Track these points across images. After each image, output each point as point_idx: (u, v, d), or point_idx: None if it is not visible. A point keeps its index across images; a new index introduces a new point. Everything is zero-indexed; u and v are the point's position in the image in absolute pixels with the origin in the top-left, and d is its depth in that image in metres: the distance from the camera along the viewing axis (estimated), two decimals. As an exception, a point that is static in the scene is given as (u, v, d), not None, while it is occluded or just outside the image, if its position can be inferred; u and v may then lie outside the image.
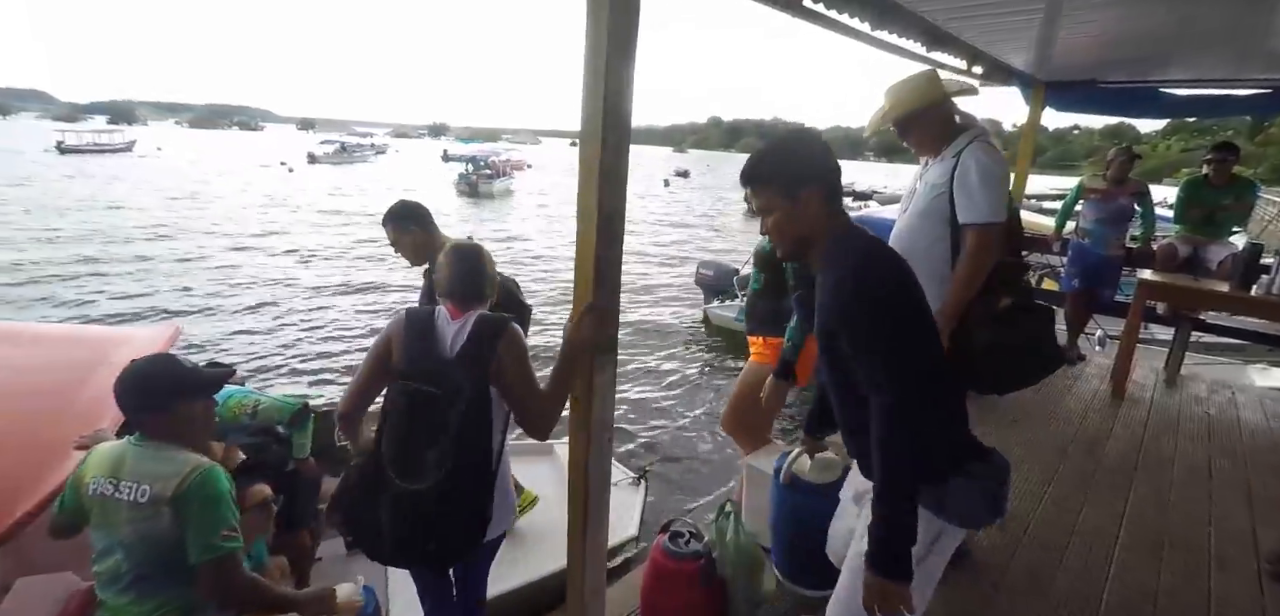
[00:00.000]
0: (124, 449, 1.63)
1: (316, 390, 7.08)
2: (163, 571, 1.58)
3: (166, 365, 1.70)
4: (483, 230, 20.16)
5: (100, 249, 14.34)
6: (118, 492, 1.56)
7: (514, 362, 1.66)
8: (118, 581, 1.59)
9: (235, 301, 10.86)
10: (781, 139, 1.38)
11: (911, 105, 2.30)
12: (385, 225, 2.82)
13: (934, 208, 2.26)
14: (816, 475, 2.18)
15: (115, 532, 1.58)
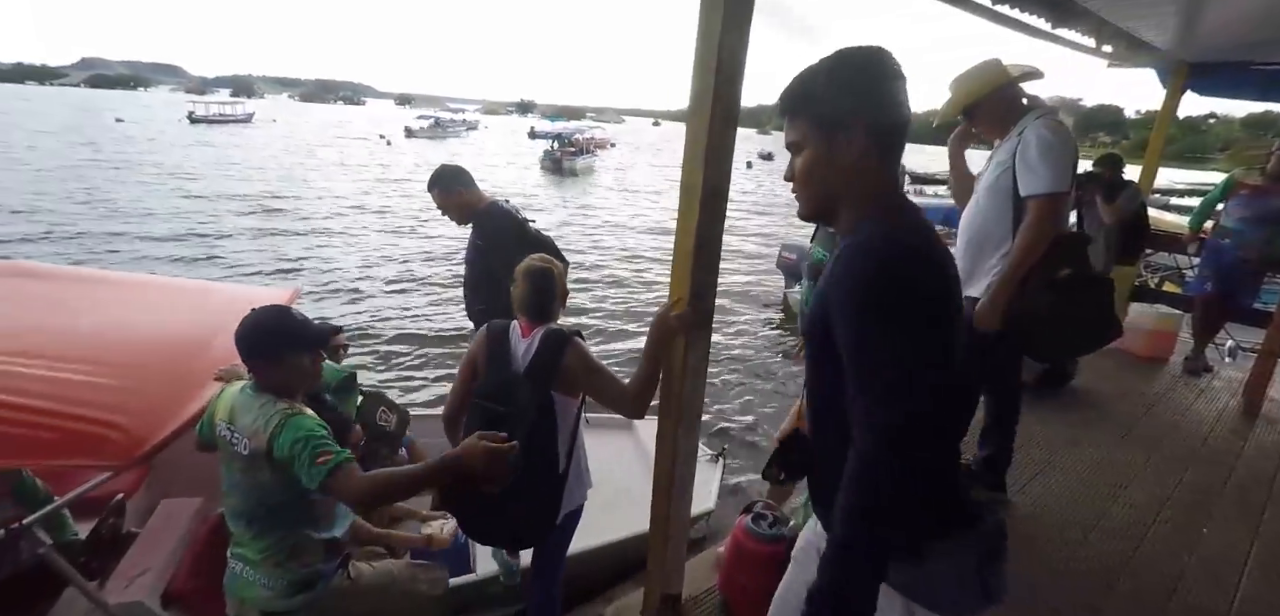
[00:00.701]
0: (239, 396, 1.74)
1: (380, 361, 7.47)
2: (267, 514, 1.72)
3: (280, 316, 1.80)
4: (564, 205, 20.60)
5: (226, 211, 15.74)
6: (231, 438, 1.70)
7: (583, 371, 1.88)
8: (236, 517, 1.76)
9: (334, 266, 11.66)
10: (835, 55, 1.00)
11: (977, 92, 2.43)
12: (431, 190, 3.15)
13: (999, 184, 2.34)
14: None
15: (232, 474, 1.74)
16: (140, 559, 2.30)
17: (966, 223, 2.55)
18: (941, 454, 1.04)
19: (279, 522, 1.73)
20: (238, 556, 1.78)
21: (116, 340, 2.29)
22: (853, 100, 0.97)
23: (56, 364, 2.00)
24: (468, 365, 2.03)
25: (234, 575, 1.78)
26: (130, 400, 1.94)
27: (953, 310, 0.98)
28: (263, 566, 1.73)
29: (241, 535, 1.76)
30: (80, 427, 1.82)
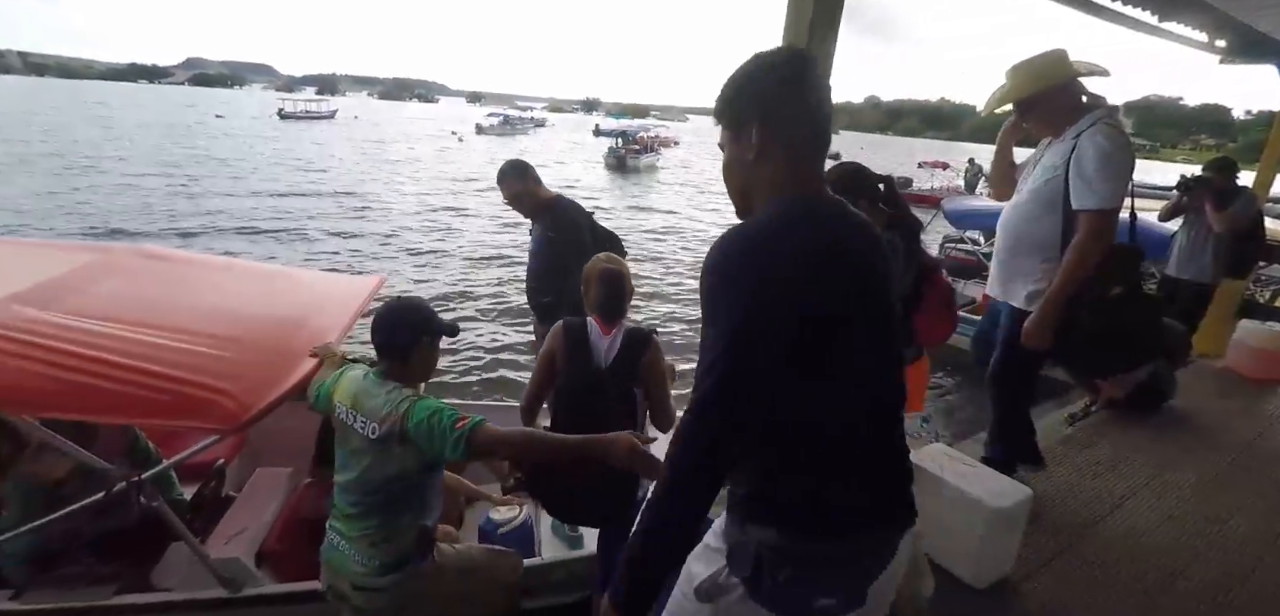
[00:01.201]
0: (362, 382, 1.83)
1: (445, 349, 7.73)
2: (379, 496, 1.80)
3: (419, 307, 1.91)
4: (626, 202, 20.74)
5: (312, 202, 16.70)
6: (354, 423, 1.78)
7: (656, 374, 2.08)
8: (346, 493, 1.85)
9: (409, 255, 12.17)
10: (744, 63, 1.05)
11: (1038, 85, 2.27)
12: (501, 183, 3.31)
13: (1047, 190, 2.22)
14: None
15: (350, 455, 1.82)
16: (237, 520, 2.48)
17: (1008, 224, 2.44)
18: (809, 451, 1.03)
19: (388, 506, 1.81)
20: (336, 530, 1.87)
21: (224, 316, 2.47)
22: (749, 104, 1.03)
23: (174, 335, 2.18)
24: (546, 360, 2.12)
25: (331, 546, 1.88)
26: (237, 370, 2.08)
27: (809, 300, 0.96)
28: (359, 544, 1.81)
29: (346, 511, 1.84)
30: (193, 393, 1.97)
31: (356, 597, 1.84)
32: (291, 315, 2.61)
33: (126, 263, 2.69)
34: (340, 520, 1.87)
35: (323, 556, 1.92)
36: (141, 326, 2.17)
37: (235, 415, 1.94)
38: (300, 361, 2.19)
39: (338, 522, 1.88)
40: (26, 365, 1.87)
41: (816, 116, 1.02)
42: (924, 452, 2.56)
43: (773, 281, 0.94)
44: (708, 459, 0.97)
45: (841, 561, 1.06)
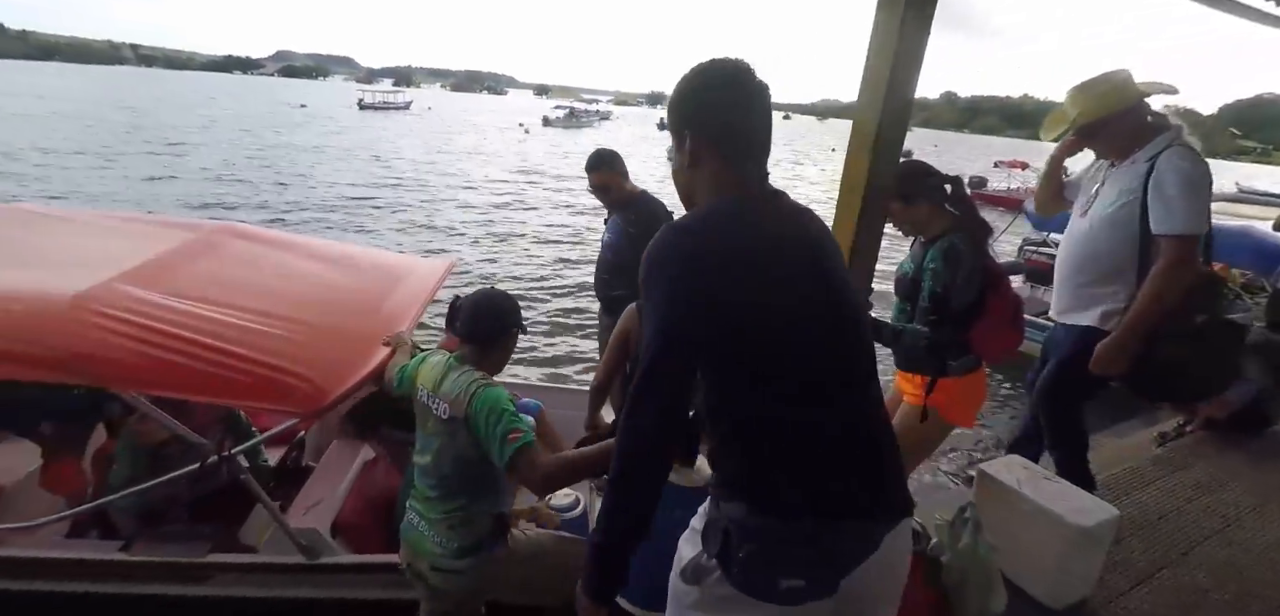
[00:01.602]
0: (444, 366, 1.88)
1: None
2: (459, 481, 1.85)
3: (508, 299, 1.97)
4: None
5: (388, 187, 17.44)
6: (432, 405, 1.84)
7: None
8: (426, 475, 1.90)
9: (474, 243, 12.52)
10: (687, 72, 1.14)
11: (1104, 110, 2.19)
12: (592, 171, 3.28)
13: (1123, 215, 2.16)
14: (680, 478, 1.89)
15: (427, 437, 1.88)
16: (315, 491, 2.62)
17: (1074, 249, 2.37)
18: (769, 434, 1.08)
19: (464, 491, 1.85)
20: (415, 509, 1.93)
21: (304, 300, 2.60)
22: (682, 115, 1.14)
23: (258, 317, 2.30)
24: (620, 340, 2.16)
25: (410, 525, 1.94)
26: (315, 356, 2.19)
27: (736, 287, 1.02)
28: (437, 526, 1.86)
29: (426, 492, 1.90)
30: (275, 377, 2.08)
31: (434, 578, 1.90)
32: (366, 299, 2.73)
33: (217, 242, 2.86)
34: (419, 501, 1.93)
35: (402, 534, 1.99)
36: (229, 308, 2.31)
37: (313, 401, 2.05)
38: (375, 349, 2.29)
39: (417, 503, 1.94)
40: (131, 344, 2.02)
41: (746, 123, 1.11)
42: (1000, 464, 2.45)
43: (698, 270, 1.02)
44: (651, 437, 1.04)
45: (801, 542, 1.07)
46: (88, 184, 15.64)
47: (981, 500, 2.41)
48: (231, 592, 2.34)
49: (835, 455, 1.10)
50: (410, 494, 1.98)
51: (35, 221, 2.99)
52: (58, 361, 1.97)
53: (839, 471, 1.10)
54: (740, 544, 1.08)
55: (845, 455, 1.11)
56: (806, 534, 1.08)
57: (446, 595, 1.93)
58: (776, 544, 1.08)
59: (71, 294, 2.09)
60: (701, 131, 1.12)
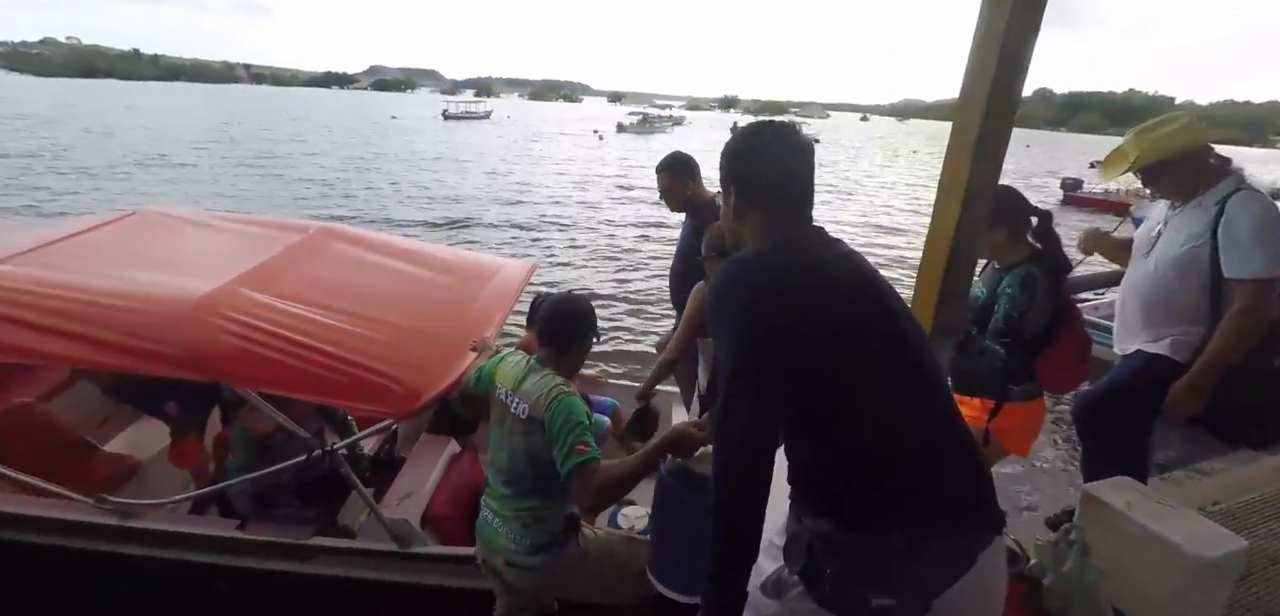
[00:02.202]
0: (525, 367, 1.95)
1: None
2: (532, 479, 1.91)
3: (586, 305, 2.04)
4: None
5: (470, 193, 18.19)
6: (511, 404, 1.91)
7: None
8: (500, 473, 1.98)
9: (549, 246, 12.83)
10: (739, 132, 1.29)
11: (1164, 153, 2.20)
12: (658, 173, 3.30)
13: (1191, 258, 2.15)
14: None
15: (505, 435, 1.95)
16: (406, 483, 2.76)
17: (1139, 289, 2.36)
18: (851, 450, 1.10)
19: (539, 491, 1.90)
20: (490, 507, 2.01)
21: (398, 302, 2.75)
22: (728, 171, 1.27)
23: (355, 320, 2.45)
24: (693, 320, 2.32)
25: (485, 522, 2.02)
26: (407, 359, 2.32)
27: (799, 315, 1.09)
28: (511, 523, 1.93)
29: (499, 490, 1.97)
30: (371, 379, 2.22)
31: (509, 573, 1.96)
32: (455, 301, 2.86)
33: (320, 244, 3.06)
34: (494, 498, 2.00)
35: (477, 530, 2.06)
36: (331, 309, 2.47)
37: (406, 403, 2.18)
38: (463, 354, 2.40)
39: (492, 501, 2.01)
40: (246, 345, 2.20)
41: (781, 175, 1.22)
42: (1110, 485, 2.27)
43: (764, 299, 1.10)
44: (740, 461, 1.07)
45: (892, 559, 1.05)
46: (205, 187, 17.21)
47: (1086, 522, 2.24)
48: (331, 572, 2.50)
49: (921, 469, 1.09)
50: (488, 494, 2.05)
51: (162, 223, 3.30)
52: (184, 360, 2.17)
53: (926, 485, 1.09)
54: (828, 560, 1.08)
55: (931, 468, 1.09)
56: (896, 550, 1.05)
57: (521, 591, 1.99)
58: (867, 561, 1.07)
59: (196, 297, 2.30)
60: (743, 188, 1.25)
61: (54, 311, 2.21)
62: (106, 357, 2.17)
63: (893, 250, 13.91)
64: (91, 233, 2.98)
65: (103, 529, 2.49)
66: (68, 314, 2.20)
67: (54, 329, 2.17)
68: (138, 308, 2.25)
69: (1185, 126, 2.22)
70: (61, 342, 2.16)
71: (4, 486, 2.61)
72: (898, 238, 15.64)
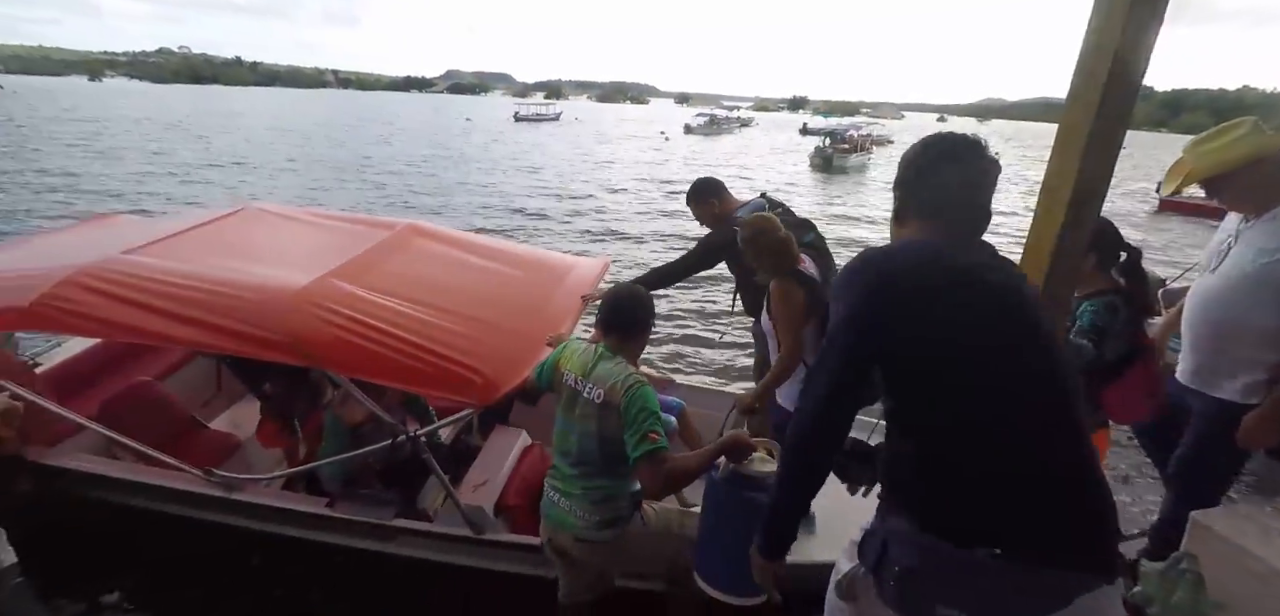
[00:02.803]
0: (592, 354, 2.03)
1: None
2: (600, 459, 1.98)
3: (645, 294, 2.14)
4: (828, 205, 19.78)
5: (542, 192, 18.63)
6: (583, 390, 1.98)
7: None
8: (568, 456, 2.05)
9: (616, 241, 12.95)
10: (921, 141, 1.29)
11: (1233, 160, 2.05)
12: (688, 203, 3.34)
13: (1264, 274, 2.02)
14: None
15: (574, 419, 2.02)
16: (481, 472, 2.85)
17: (1207, 309, 2.20)
18: (947, 455, 1.09)
19: (608, 472, 1.99)
20: (556, 488, 2.08)
21: (478, 297, 2.86)
22: (898, 177, 1.30)
23: (438, 313, 2.58)
24: (796, 317, 2.41)
25: (551, 503, 2.09)
26: (487, 352, 2.43)
27: (914, 305, 1.11)
28: (579, 502, 2.00)
29: (566, 472, 2.04)
30: (453, 370, 2.33)
31: (577, 549, 2.03)
32: (531, 298, 2.95)
33: (405, 240, 3.22)
34: (560, 480, 2.07)
35: (543, 512, 2.14)
36: (417, 302, 2.61)
37: (484, 394, 2.29)
38: (540, 348, 2.49)
39: (557, 482, 2.08)
40: (339, 333, 2.36)
41: (947, 189, 1.22)
42: (1220, 513, 2.09)
43: (888, 284, 1.14)
44: (820, 410, 1.14)
45: (970, 573, 1.02)
46: (298, 182, 18.37)
47: (1198, 552, 2.07)
48: (411, 553, 2.63)
49: (1031, 490, 1.03)
50: (548, 474, 2.12)
51: (263, 219, 3.56)
52: (285, 345, 2.34)
53: (1033, 507, 1.03)
54: (897, 558, 1.08)
55: (1044, 492, 1.04)
56: (977, 566, 1.02)
57: (587, 566, 2.07)
58: (940, 567, 1.05)
59: (296, 288, 2.47)
60: (908, 195, 1.27)
61: (176, 298, 2.43)
62: (219, 341, 2.37)
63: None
64: (206, 226, 3.25)
65: (209, 500, 2.70)
66: (187, 301, 2.42)
67: (175, 313, 2.39)
68: (246, 296, 2.44)
69: (1243, 136, 2.06)
70: (182, 326, 2.38)
71: (127, 455, 2.88)
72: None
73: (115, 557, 2.97)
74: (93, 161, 20.19)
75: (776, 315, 2.52)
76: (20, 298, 2.46)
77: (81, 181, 16.67)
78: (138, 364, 3.50)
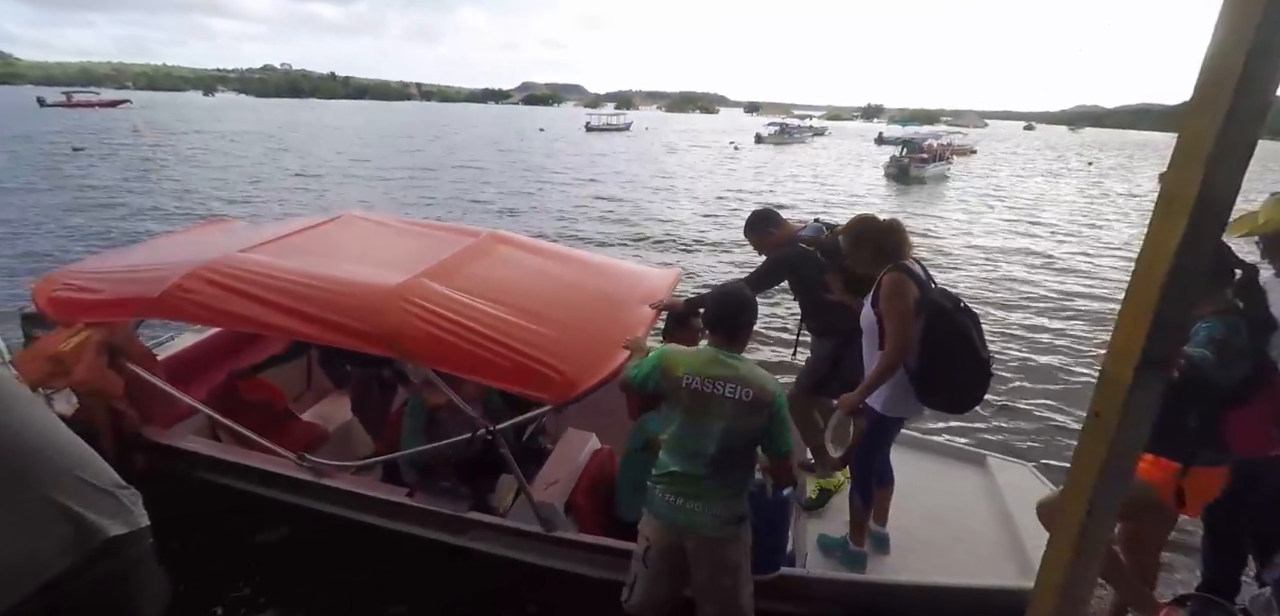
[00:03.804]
0: (710, 357, 2.07)
1: None
2: (739, 457, 2.06)
3: (754, 300, 2.23)
4: (903, 216, 18.89)
5: (611, 201, 18.90)
6: (716, 390, 2.01)
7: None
8: (698, 457, 2.04)
9: (684, 251, 12.94)
10: None
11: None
12: (747, 235, 3.33)
13: None
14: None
15: (707, 420, 2.02)
16: (553, 470, 2.92)
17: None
18: None
19: (741, 466, 2.10)
20: (678, 492, 2.07)
21: (556, 300, 2.95)
22: None
23: (520, 314, 2.67)
24: (905, 312, 2.42)
25: (670, 507, 2.08)
26: (566, 353, 2.50)
27: None
28: (715, 500, 2.05)
29: (696, 474, 2.05)
30: (534, 367, 2.41)
31: (710, 551, 2.07)
32: (607, 304, 3.01)
33: (488, 246, 3.37)
34: (685, 484, 2.06)
35: (659, 516, 2.11)
36: (499, 304, 2.71)
37: (563, 392, 2.36)
38: (616, 352, 2.54)
39: (680, 486, 2.07)
40: (429, 328, 2.49)
41: None
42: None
43: None
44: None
45: None
46: (389, 190, 19.40)
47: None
48: (483, 546, 2.72)
49: None
50: (660, 479, 2.11)
51: (358, 223, 3.81)
52: (380, 338, 2.51)
53: None
54: None
55: None
56: None
57: (724, 562, 2.09)
58: None
59: (390, 286, 2.63)
60: None
61: (285, 292, 2.64)
62: (322, 333, 2.57)
63: (1066, 285, 11.35)
64: (310, 231, 3.50)
65: (301, 484, 2.89)
66: (295, 295, 2.63)
67: (284, 306, 2.60)
68: (346, 292, 2.63)
69: None
70: (289, 318, 2.59)
71: (229, 438, 3.12)
72: (1059, 273, 13.47)
73: (215, 532, 3.23)
74: (201, 171, 22.07)
75: (886, 308, 2.44)
76: (152, 289, 2.74)
77: (195, 187, 18.28)
78: (239, 356, 3.79)
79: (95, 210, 14.13)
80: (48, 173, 19.12)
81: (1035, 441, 5.20)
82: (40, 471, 1.31)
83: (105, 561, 1.36)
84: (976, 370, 2.42)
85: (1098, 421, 1.46)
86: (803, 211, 18.18)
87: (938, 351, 2.41)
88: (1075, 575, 1.58)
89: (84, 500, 1.34)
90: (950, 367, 2.41)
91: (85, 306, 2.86)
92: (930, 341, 2.42)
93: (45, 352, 2.85)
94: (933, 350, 2.42)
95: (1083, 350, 7.52)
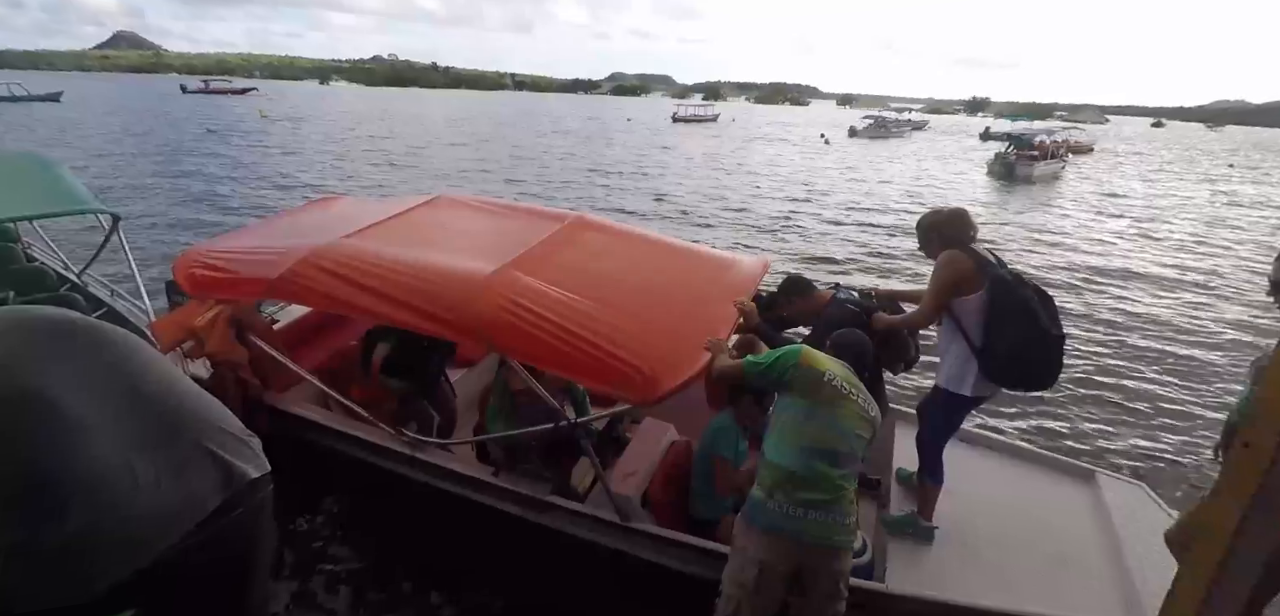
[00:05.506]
0: (846, 368, 2.23)
1: None
2: (855, 464, 2.13)
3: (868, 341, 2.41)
4: (1005, 219, 17.50)
5: (695, 190, 18.86)
6: (856, 398, 2.15)
7: None
8: (831, 456, 2.05)
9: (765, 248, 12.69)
10: None
11: None
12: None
13: None
14: None
15: (845, 423, 2.10)
16: (630, 462, 2.97)
17: None
18: None
19: (854, 475, 2.16)
20: (819, 500, 2.00)
21: (642, 293, 2.98)
22: None
23: (605, 308, 2.71)
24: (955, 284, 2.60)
25: (797, 520, 2.00)
26: (650, 351, 2.52)
27: None
28: (848, 510, 2.07)
29: (831, 476, 2.03)
30: (617, 365, 2.44)
31: (831, 564, 2.04)
32: (692, 298, 3.02)
33: (575, 233, 3.43)
34: (826, 490, 2.01)
35: (779, 532, 2.02)
36: (584, 295, 2.77)
37: (645, 392, 2.38)
38: (699, 352, 2.54)
39: (820, 493, 2.01)
40: (517, 322, 2.59)
41: None
42: None
43: None
44: None
45: None
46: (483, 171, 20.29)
47: None
48: (562, 528, 2.80)
49: None
50: (778, 485, 2.04)
51: (453, 207, 3.98)
52: (472, 328, 2.64)
53: None
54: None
55: None
56: None
57: (842, 575, 2.09)
58: None
59: (483, 277, 2.74)
60: None
61: (386, 280, 2.83)
62: (418, 321, 2.71)
63: (1198, 318, 9.29)
64: (409, 213, 3.72)
65: (398, 455, 3.09)
66: (395, 283, 2.81)
67: (385, 294, 2.78)
68: (441, 281, 2.78)
69: None
70: (389, 306, 2.76)
71: (336, 408, 3.38)
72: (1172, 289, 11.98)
73: (318, 489, 3.51)
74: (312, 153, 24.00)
75: (931, 278, 2.63)
76: (269, 271, 3.01)
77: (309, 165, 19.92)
78: (347, 329, 4.09)
79: (227, 181, 16.48)
80: (189, 152, 21.81)
81: (1140, 461, 5.06)
82: (190, 422, 1.52)
83: (247, 498, 1.56)
84: (1041, 341, 2.45)
85: (1246, 451, 1.32)
86: (893, 212, 17.39)
87: (1000, 324, 2.48)
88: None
89: (226, 446, 1.55)
90: (1013, 340, 2.46)
91: (216, 283, 3.18)
92: (992, 313, 2.50)
93: (184, 323, 3.22)
94: (995, 323, 2.50)
95: (1199, 373, 6.91)
